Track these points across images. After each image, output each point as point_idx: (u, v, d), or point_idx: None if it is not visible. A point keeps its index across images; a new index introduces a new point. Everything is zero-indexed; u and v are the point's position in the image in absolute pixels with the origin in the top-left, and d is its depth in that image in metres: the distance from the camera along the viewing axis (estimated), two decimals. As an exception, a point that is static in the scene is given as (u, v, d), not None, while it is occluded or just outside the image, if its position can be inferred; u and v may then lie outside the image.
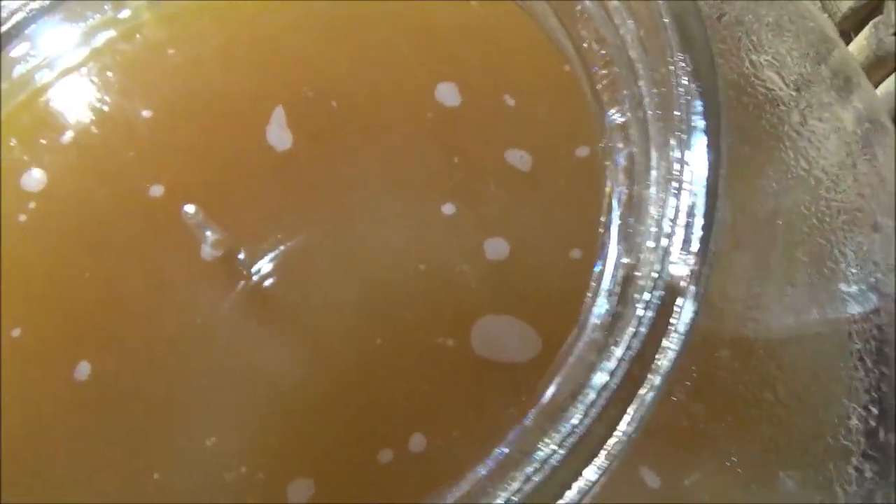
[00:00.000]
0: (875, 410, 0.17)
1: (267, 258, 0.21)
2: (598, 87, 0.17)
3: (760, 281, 0.18)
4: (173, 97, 0.23)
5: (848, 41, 0.23)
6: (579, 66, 0.17)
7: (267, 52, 0.24)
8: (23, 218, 0.22)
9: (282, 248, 0.21)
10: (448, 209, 0.22)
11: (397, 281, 0.22)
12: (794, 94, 0.18)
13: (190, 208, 0.18)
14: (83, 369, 0.18)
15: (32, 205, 0.22)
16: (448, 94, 0.24)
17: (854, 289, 0.17)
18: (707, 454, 0.16)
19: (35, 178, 0.22)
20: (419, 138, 0.23)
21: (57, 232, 0.21)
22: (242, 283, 0.20)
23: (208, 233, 0.19)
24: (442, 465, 0.19)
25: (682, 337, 0.12)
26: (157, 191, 0.20)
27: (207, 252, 0.19)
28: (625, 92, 0.14)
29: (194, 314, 0.19)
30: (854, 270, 0.17)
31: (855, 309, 0.17)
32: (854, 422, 0.16)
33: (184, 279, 0.19)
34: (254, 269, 0.20)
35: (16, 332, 0.20)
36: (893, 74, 0.21)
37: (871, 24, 0.21)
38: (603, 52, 0.15)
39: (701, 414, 0.16)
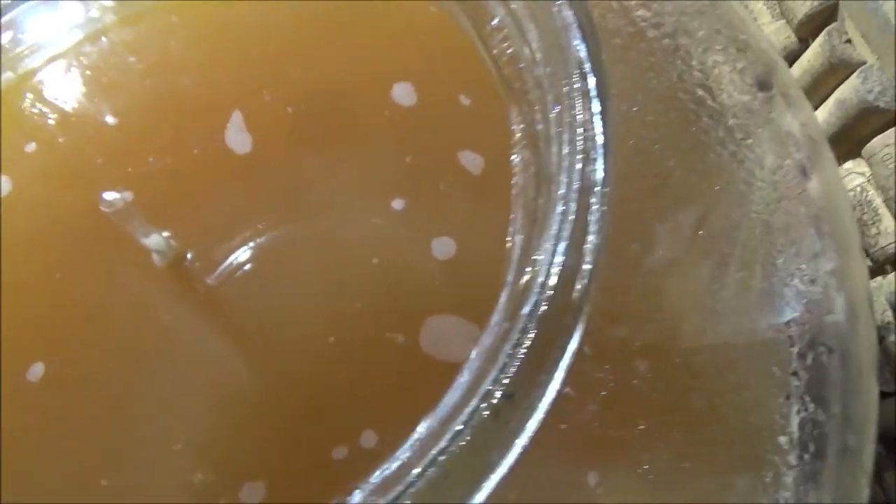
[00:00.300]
0: (805, 423, 0.17)
1: (222, 259, 0.22)
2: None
3: (686, 292, 0.18)
4: (136, 101, 0.23)
5: (805, 47, 0.23)
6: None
7: (226, 54, 0.24)
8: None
9: (238, 249, 0.22)
10: (397, 205, 0.23)
11: (350, 277, 0.22)
12: (723, 107, 0.18)
13: (109, 195, 0.18)
14: (36, 370, 0.19)
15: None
16: (404, 93, 0.24)
17: (784, 297, 0.18)
18: (619, 459, 0.16)
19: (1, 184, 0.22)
20: (374, 138, 0.24)
21: (19, 236, 0.21)
22: (195, 285, 0.21)
23: (154, 236, 0.19)
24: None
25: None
26: (114, 196, 0.21)
27: (155, 257, 0.20)
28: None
29: (147, 316, 0.20)
30: (782, 280, 0.18)
31: (783, 317, 0.18)
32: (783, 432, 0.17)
33: (138, 282, 0.20)
34: (208, 271, 0.21)
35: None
36: (846, 82, 0.21)
37: (825, 31, 0.21)
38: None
39: (614, 420, 0.16)
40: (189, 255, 0.20)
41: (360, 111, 0.24)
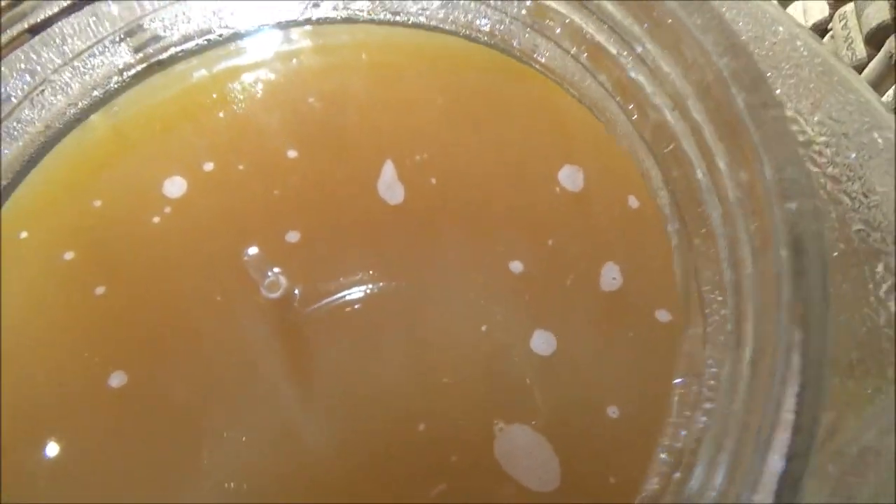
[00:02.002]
0: None
1: (326, 296, 0.21)
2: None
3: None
4: (312, 135, 0.23)
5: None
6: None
7: (390, 103, 0.24)
8: (156, 220, 0.22)
9: (345, 294, 0.21)
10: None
11: (452, 356, 0.21)
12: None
13: (251, 250, 0.18)
14: (119, 378, 0.19)
15: (168, 209, 0.22)
16: (571, 178, 0.22)
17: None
18: None
19: (177, 184, 0.23)
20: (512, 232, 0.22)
21: (174, 241, 0.22)
22: (294, 323, 0.20)
23: (269, 274, 0.19)
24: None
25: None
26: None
27: (264, 293, 0.19)
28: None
29: (238, 347, 0.20)
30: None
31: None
32: None
33: (239, 312, 0.20)
34: (308, 305, 0.21)
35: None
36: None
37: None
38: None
39: None
40: (297, 292, 0.20)
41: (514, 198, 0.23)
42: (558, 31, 0.16)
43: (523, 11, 0.17)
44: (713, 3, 0.11)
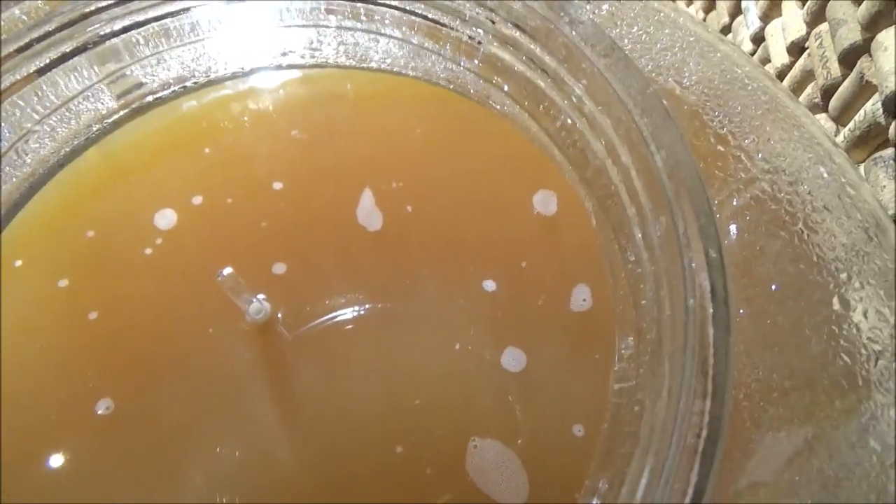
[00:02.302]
0: None
1: (310, 320, 0.22)
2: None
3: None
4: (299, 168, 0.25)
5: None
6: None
7: (369, 133, 0.25)
8: (148, 252, 0.23)
9: (327, 316, 0.22)
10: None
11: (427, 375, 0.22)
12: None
13: (226, 270, 0.19)
14: (105, 404, 0.20)
15: (159, 241, 0.23)
16: (545, 202, 0.23)
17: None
18: None
19: (166, 216, 0.24)
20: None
21: (163, 270, 0.22)
22: (277, 348, 0.21)
23: (253, 300, 0.20)
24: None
25: None
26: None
27: (248, 318, 0.20)
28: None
29: (222, 371, 0.21)
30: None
31: None
32: None
33: (223, 338, 0.21)
34: (294, 329, 0.22)
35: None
36: None
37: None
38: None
39: None
40: (280, 315, 0.21)
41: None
42: (506, 88, 0.17)
43: (476, 62, 0.18)
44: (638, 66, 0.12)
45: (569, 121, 0.15)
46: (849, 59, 0.27)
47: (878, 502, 0.14)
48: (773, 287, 0.15)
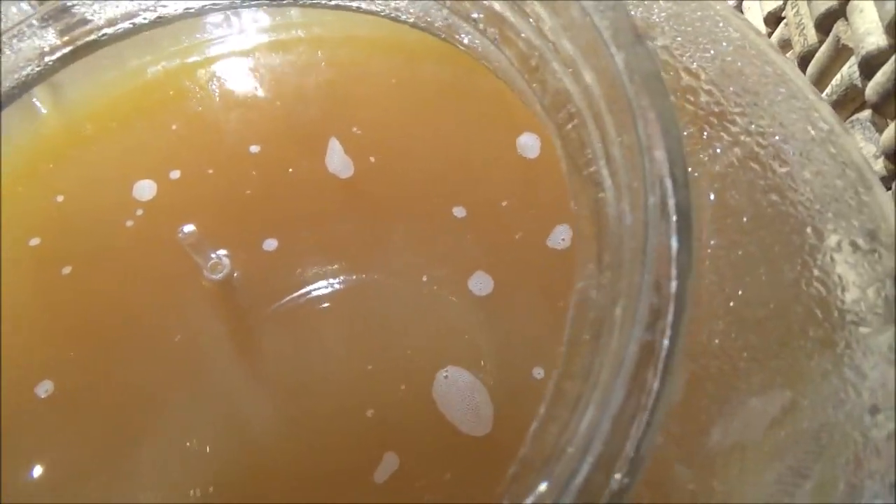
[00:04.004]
0: None
1: (282, 289, 0.21)
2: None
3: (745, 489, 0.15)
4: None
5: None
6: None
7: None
8: (129, 224, 0.22)
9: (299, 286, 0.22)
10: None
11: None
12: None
13: (188, 227, 0.19)
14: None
15: (140, 212, 0.23)
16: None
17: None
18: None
19: (145, 186, 0.23)
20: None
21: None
22: (240, 308, 0.21)
23: (212, 255, 0.19)
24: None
25: None
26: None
27: (207, 275, 0.20)
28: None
29: (178, 334, 0.20)
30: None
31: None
32: None
33: (182, 296, 0.21)
34: (263, 299, 0.21)
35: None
36: None
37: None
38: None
39: None
40: (236, 275, 0.20)
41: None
42: (475, 15, 0.17)
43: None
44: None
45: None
46: (825, 24, 0.27)
47: (856, 433, 0.13)
48: (745, 219, 0.14)
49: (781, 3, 0.30)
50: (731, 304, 0.14)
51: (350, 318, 0.21)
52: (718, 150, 0.15)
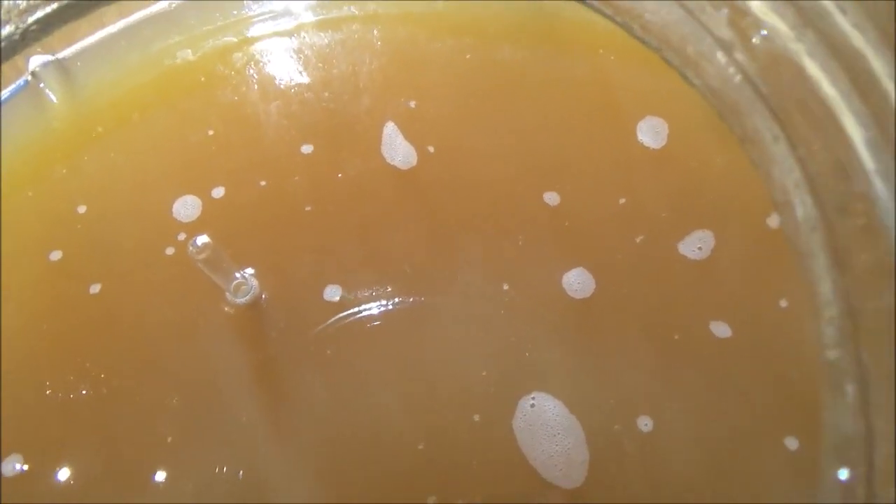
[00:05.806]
0: None
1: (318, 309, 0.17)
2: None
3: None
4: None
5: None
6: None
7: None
8: (170, 251, 0.19)
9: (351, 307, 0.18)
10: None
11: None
12: None
13: (201, 238, 0.15)
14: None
15: (182, 236, 0.19)
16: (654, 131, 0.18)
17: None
18: None
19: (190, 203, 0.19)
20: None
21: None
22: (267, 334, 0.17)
23: (237, 276, 0.16)
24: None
25: None
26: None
27: (228, 296, 0.16)
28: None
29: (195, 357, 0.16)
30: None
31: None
32: None
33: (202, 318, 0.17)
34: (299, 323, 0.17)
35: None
36: None
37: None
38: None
39: None
40: (264, 297, 0.16)
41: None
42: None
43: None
44: None
45: None
46: None
47: None
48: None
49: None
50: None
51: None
52: None
